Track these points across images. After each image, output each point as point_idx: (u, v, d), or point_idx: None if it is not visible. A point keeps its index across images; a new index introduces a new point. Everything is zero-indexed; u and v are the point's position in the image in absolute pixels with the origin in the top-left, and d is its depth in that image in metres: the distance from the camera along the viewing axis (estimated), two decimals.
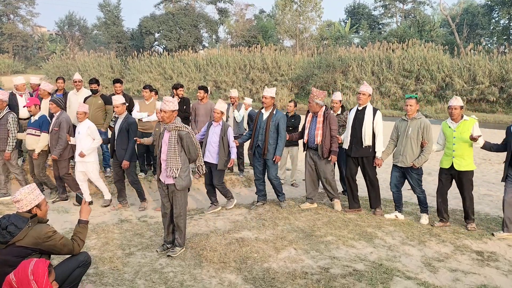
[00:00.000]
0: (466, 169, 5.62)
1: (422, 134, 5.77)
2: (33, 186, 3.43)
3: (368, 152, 6.06)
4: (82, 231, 3.61)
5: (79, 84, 8.09)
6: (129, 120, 6.48)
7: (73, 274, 3.48)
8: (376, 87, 26.49)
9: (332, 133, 6.12)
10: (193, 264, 4.50)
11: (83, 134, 6.45)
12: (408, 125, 5.84)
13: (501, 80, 23.34)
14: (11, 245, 3.14)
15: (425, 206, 6.03)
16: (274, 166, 6.33)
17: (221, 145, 6.20)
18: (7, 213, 5.14)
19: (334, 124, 6.13)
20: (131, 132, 6.39)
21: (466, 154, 5.57)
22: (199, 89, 8.14)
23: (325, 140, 6.10)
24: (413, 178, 5.91)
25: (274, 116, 6.21)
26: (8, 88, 19.98)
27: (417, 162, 5.76)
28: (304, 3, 35.51)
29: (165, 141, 4.69)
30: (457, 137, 5.59)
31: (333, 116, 6.18)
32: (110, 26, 46.74)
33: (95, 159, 6.62)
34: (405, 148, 5.82)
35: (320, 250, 4.88)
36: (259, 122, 6.30)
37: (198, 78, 33.88)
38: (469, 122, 5.58)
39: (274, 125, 6.18)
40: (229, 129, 6.35)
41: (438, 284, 4.17)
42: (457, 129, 5.62)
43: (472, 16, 36.34)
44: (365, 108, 6.08)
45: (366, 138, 5.99)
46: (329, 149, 6.15)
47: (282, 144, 6.24)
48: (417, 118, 5.81)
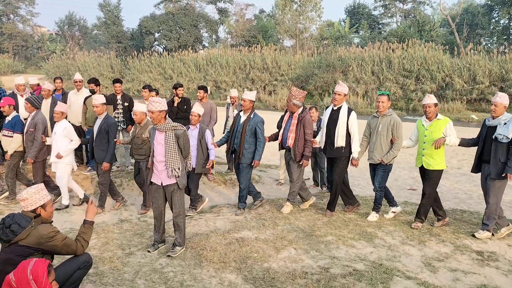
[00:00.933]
0: (435, 168, 5.57)
1: (392, 131, 5.79)
2: (40, 186, 3.43)
3: (340, 152, 5.96)
4: (86, 231, 3.60)
5: (79, 84, 8.09)
6: (109, 121, 6.33)
7: (74, 275, 3.48)
8: (376, 87, 26.48)
9: (306, 136, 5.94)
10: (193, 264, 4.50)
11: (59, 135, 6.30)
12: (379, 122, 5.85)
13: (501, 80, 23.33)
14: (14, 244, 3.14)
15: (378, 205, 6.04)
16: (246, 170, 6.13)
17: (199, 148, 6.14)
18: (7, 212, 5.15)
19: (308, 128, 5.93)
20: (110, 133, 6.26)
21: (435, 153, 5.52)
22: (199, 89, 8.15)
23: (298, 143, 5.93)
24: (378, 175, 5.91)
25: (251, 120, 6.02)
26: (8, 88, 19.98)
27: (385, 158, 5.78)
28: (304, 3, 35.50)
29: (160, 142, 4.65)
30: (428, 136, 5.58)
31: (309, 119, 5.98)
32: (110, 26, 46.72)
33: (70, 161, 6.46)
34: (375, 145, 5.86)
35: (320, 250, 4.88)
36: (236, 125, 6.18)
37: (198, 78, 33.87)
38: (442, 122, 5.56)
39: (250, 130, 6.02)
40: (207, 131, 6.28)
41: (438, 284, 4.17)
42: (429, 128, 5.61)
43: (472, 16, 36.33)
44: (340, 108, 5.97)
45: (339, 139, 5.89)
46: (302, 153, 5.99)
47: (261, 148, 6.04)
48: (388, 115, 5.83)
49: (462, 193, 8.21)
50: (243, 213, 6.21)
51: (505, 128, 5.11)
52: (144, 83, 33.05)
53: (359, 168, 8.63)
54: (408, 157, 11.72)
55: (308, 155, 6.00)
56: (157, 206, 4.86)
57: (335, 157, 6.01)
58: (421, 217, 5.75)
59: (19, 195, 3.35)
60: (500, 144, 5.16)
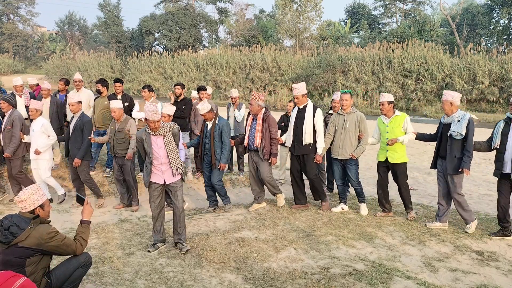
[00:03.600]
0: (399, 161, 5.96)
1: (359, 127, 6.07)
2: (36, 186, 3.42)
3: (308, 149, 6.18)
4: (84, 231, 3.59)
5: (79, 84, 8.08)
6: (84, 119, 6.44)
7: (74, 274, 3.48)
8: (376, 87, 26.48)
9: (272, 135, 6.11)
10: (193, 264, 4.50)
11: (37, 132, 6.40)
12: (346, 119, 6.11)
13: (501, 80, 23.32)
14: (13, 246, 3.12)
15: (362, 196, 6.30)
16: (218, 171, 6.26)
17: None
18: (7, 213, 5.15)
19: (273, 126, 6.12)
20: (85, 131, 6.38)
21: (398, 147, 5.91)
22: (199, 89, 8.15)
23: (265, 142, 6.08)
24: (351, 170, 6.18)
25: (217, 125, 6.15)
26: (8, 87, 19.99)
27: (355, 152, 6.08)
28: (304, 3, 35.49)
29: (161, 146, 4.71)
30: (389, 132, 5.92)
31: (273, 118, 6.16)
32: (110, 26, 46.74)
33: (49, 157, 6.59)
34: (344, 141, 6.09)
35: (320, 250, 4.88)
36: (204, 131, 6.31)
37: (198, 78, 33.87)
38: (400, 117, 5.92)
39: (218, 134, 6.15)
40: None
41: (438, 284, 4.17)
42: (389, 124, 5.96)
43: (472, 16, 36.33)
44: (305, 107, 6.17)
45: (307, 136, 6.10)
46: (270, 151, 6.14)
47: (226, 152, 6.17)
48: (353, 112, 6.11)
49: None
50: (231, 207, 6.43)
51: (458, 125, 5.34)
52: (144, 83, 33.04)
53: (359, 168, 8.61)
54: (408, 157, 11.71)
55: (276, 153, 6.19)
56: (157, 205, 4.87)
57: (304, 154, 6.22)
58: (409, 207, 6.15)
59: (16, 196, 3.33)
60: (455, 140, 5.40)
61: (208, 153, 6.27)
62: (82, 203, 3.78)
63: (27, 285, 2.70)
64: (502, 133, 5.27)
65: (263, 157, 6.13)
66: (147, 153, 4.76)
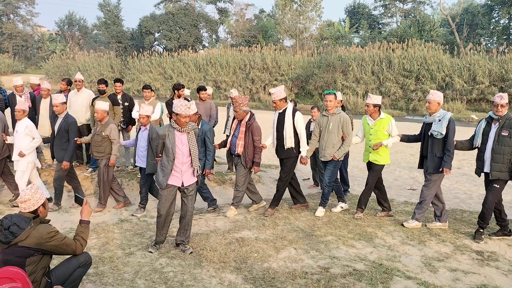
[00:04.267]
0: (380, 162, 5.96)
1: (342, 128, 6.03)
2: (36, 186, 3.43)
3: (291, 153, 6.05)
4: (84, 231, 3.59)
5: (79, 84, 8.06)
6: (69, 120, 6.34)
7: (73, 274, 3.48)
8: (376, 87, 26.49)
9: (255, 143, 5.91)
10: (193, 264, 4.50)
11: (21, 133, 6.32)
12: (329, 120, 6.08)
13: (501, 80, 23.33)
14: (13, 245, 3.12)
15: (325, 200, 6.23)
16: (202, 178, 6.25)
17: (149, 149, 6.13)
18: (7, 213, 5.15)
19: (256, 134, 5.90)
20: (70, 132, 6.29)
21: (381, 150, 5.91)
22: (199, 90, 8.16)
23: (248, 150, 5.90)
24: (328, 170, 6.14)
25: (200, 130, 6.02)
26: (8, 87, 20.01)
27: (337, 154, 6.02)
28: (304, 3, 35.51)
29: (184, 143, 4.59)
30: (373, 134, 5.93)
31: (257, 125, 5.94)
32: (110, 26, 46.75)
33: (32, 159, 6.49)
34: (327, 143, 6.07)
35: (320, 250, 4.88)
36: None
37: (198, 78, 33.89)
38: (385, 120, 5.91)
39: (201, 139, 6.08)
40: None
41: (438, 284, 4.17)
42: (373, 127, 5.96)
43: (472, 16, 36.34)
44: (285, 110, 6.06)
45: (288, 140, 5.96)
46: (252, 159, 5.96)
47: (211, 158, 6.12)
48: (337, 113, 6.06)
49: (462, 193, 8.21)
50: (215, 209, 6.40)
51: (439, 124, 5.38)
52: (144, 83, 33.03)
53: (359, 168, 8.66)
54: (408, 157, 11.72)
55: (259, 161, 5.99)
56: (167, 207, 4.72)
57: (285, 158, 6.12)
58: (361, 206, 6.12)
59: (19, 197, 3.32)
60: (435, 140, 5.43)
61: None
62: (80, 203, 3.78)
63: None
64: (483, 133, 5.30)
65: (245, 164, 5.97)
66: (167, 151, 4.55)
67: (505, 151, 5.07)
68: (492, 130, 5.20)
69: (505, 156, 5.08)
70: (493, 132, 5.19)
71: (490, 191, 5.23)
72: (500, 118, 5.12)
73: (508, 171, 5.11)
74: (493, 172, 5.14)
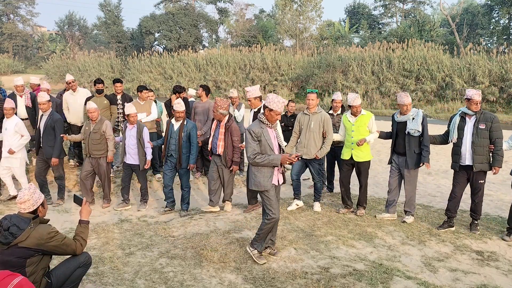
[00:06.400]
0: (364, 159, 6.12)
1: (324, 127, 6.13)
2: (33, 186, 3.42)
3: None
4: (84, 230, 3.59)
5: (73, 84, 8.06)
6: (54, 117, 6.52)
7: (73, 274, 3.47)
8: (376, 86, 26.47)
9: (234, 144, 6.12)
10: (193, 264, 4.50)
11: (10, 131, 6.46)
12: (310, 119, 6.18)
13: (501, 80, 23.30)
14: (13, 246, 3.11)
15: (319, 194, 6.44)
16: (187, 174, 6.42)
17: (139, 146, 6.43)
18: (7, 213, 5.15)
19: (235, 135, 6.12)
20: (56, 129, 6.47)
21: (364, 146, 6.06)
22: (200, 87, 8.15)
23: (227, 150, 6.11)
24: (315, 168, 6.30)
25: (185, 127, 6.27)
26: (8, 87, 20.03)
27: (319, 153, 6.16)
28: (304, 3, 35.49)
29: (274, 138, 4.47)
30: (355, 131, 6.07)
31: (235, 127, 6.17)
32: (110, 25, 46.73)
33: (23, 156, 6.66)
34: (308, 141, 6.17)
35: (320, 250, 4.88)
36: (170, 133, 6.37)
37: (198, 78, 33.86)
38: (366, 117, 6.09)
39: (186, 135, 6.26)
40: (144, 129, 6.53)
41: (438, 284, 4.17)
42: (355, 123, 6.09)
43: (472, 16, 36.33)
44: (259, 110, 6.22)
45: None
46: (232, 159, 6.15)
47: (195, 153, 6.32)
48: (318, 112, 6.18)
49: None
50: (171, 211, 6.50)
51: (414, 122, 5.65)
52: (144, 83, 33.07)
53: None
54: None
55: (237, 161, 6.22)
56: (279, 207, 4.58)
57: None
58: (362, 205, 6.28)
59: (18, 198, 3.31)
60: (412, 137, 5.70)
61: (173, 155, 6.35)
62: (79, 203, 3.78)
63: (24, 284, 2.70)
64: (459, 128, 5.53)
65: (226, 164, 6.16)
66: (264, 148, 4.34)
67: (484, 143, 5.36)
68: (469, 125, 5.46)
69: (484, 148, 5.37)
70: (469, 126, 5.44)
71: (478, 187, 5.52)
72: (476, 112, 5.40)
73: (487, 162, 5.42)
74: (476, 164, 5.39)
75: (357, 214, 6.21)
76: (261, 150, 4.34)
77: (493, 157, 5.40)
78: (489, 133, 5.35)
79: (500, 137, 5.38)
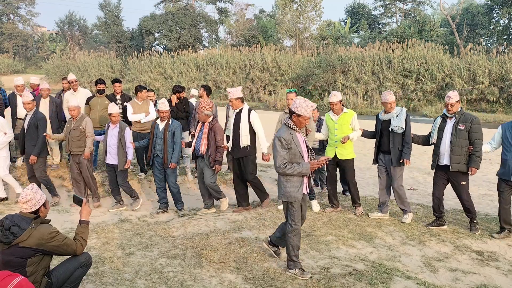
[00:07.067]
0: (347, 157, 6.16)
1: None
2: (35, 185, 3.43)
3: (246, 152, 6.24)
4: (84, 231, 3.60)
5: (75, 84, 8.08)
6: (38, 116, 6.53)
7: (74, 274, 3.47)
8: (376, 87, 26.47)
9: (217, 143, 6.15)
10: (193, 264, 4.50)
11: None
12: None
13: (501, 80, 23.30)
14: (14, 246, 3.12)
15: (312, 193, 6.40)
16: (174, 173, 6.46)
17: (120, 146, 6.45)
18: (7, 213, 5.15)
19: (219, 134, 6.15)
20: (40, 128, 6.46)
21: (347, 144, 6.09)
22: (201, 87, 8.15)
23: (210, 150, 6.14)
24: None
25: (170, 126, 6.33)
26: (8, 87, 20.02)
27: None
28: (304, 3, 35.48)
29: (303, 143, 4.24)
30: (338, 129, 6.11)
31: (219, 126, 6.23)
32: (110, 25, 46.74)
33: (6, 154, 6.66)
34: None
35: (320, 250, 4.88)
36: (155, 133, 6.39)
37: (198, 78, 33.86)
38: (348, 115, 6.12)
39: (171, 135, 6.31)
40: (126, 129, 6.55)
41: (438, 284, 4.17)
42: (338, 121, 6.13)
43: (472, 16, 36.31)
44: (241, 110, 6.25)
45: (244, 139, 6.18)
46: (214, 158, 6.18)
47: (177, 152, 6.36)
48: None
49: None
50: (184, 213, 6.46)
51: (398, 120, 5.72)
52: (144, 83, 33.07)
53: (359, 168, 8.67)
54: None
55: (220, 160, 6.24)
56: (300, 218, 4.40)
57: (243, 157, 6.27)
58: (357, 202, 6.31)
59: (20, 197, 3.31)
60: (396, 134, 5.77)
61: (159, 155, 6.37)
62: (79, 203, 3.77)
63: (24, 284, 2.71)
64: (439, 129, 5.64)
65: (208, 163, 6.17)
66: (294, 155, 4.08)
67: (462, 144, 5.43)
68: (448, 125, 5.56)
69: (463, 148, 5.44)
70: (449, 127, 5.55)
71: (462, 189, 5.59)
72: (456, 114, 5.49)
73: (465, 163, 5.46)
74: (453, 164, 5.47)
75: (356, 214, 6.21)
76: (290, 158, 4.07)
77: (471, 158, 5.43)
78: (469, 134, 5.41)
79: (479, 138, 5.40)
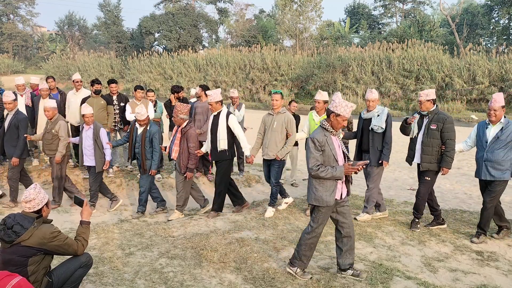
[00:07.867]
0: None
1: (286, 127, 6.08)
2: (38, 185, 3.43)
3: (224, 155, 6.11)
4: (85, 231, 3.60)
5: (79, 84, 8.09)
6: (19, 116, 6.44)
7: (74, 274, 3.48)
8: (376, 87, 26.48)
9: (189, 150, 6.04)
10: (193, 264, 4.50)
11: None
12: (274, 119, 6.11)
13: (501, 80, 23.33)
14: (16, 245, 3.13)
15: (274, 199, 6.21)
16: (147, 177, 6.36)
17: (96, 147, 6.36)
18: (7, 213, 5.15)
19: (191, 141, 6.03)
20: (20, 128, 6.37)
21: None
22: (200, 87, 8.16)
23: (182, 156, 6.05)
24: (274, 170, 6.15)
25: (147, 132, 6.25)
26: (8, 87, 20.02)
27: (280, 153, 6.04)
28: (304, 3, 35.51)
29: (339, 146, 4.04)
30: None
31: (192, 133, 6.07)
32: (110, 26, 46.77)
33: None
34: (269, 142, 6.10)
35: (320, 250, 4.88)
36: (134, 136, 6.37)
37: (198, 78, 33.90)
38: None
39: (148, 140, 6.24)
40: (101, 130, 6.46)
41: (438, 284, 4.17)
42: (319, 122, 5.95)
43: (472, 16, 36.34)
44: (219, 113, 6.13)
45: (221, 143, 6.05)
46: (186, 165, 6.07)
47: (157, 158, 6.29)
48: (282, 113, 6.11)
49: (462, 193, 8.21)
50: (140, 216, 6.37)
51: (378, 119, 5.66)
52: (144, 83, 33.08)
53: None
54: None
55: (192, 167, 6.10)
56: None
57: (220, 160, 6.17)
58: None
59: (24, 197, 3.31)
60: (376, 134, 5.70)
61: (139, 158, 6.35)
62: (80, 204, 3.78)
63: (23, 284, 2.71)
64: (418, 125, 5.58)
65: (180, 170, 6.10)
66: (328, 159, 3.92)
67: (434, 143, 5.37)
68: (423, 124, 5.50)
69: (434, 148, 5.37)
70: (423, 126, 5.49)
71: (422, 183, 5.54)
72: (429, 112, 5.41)
73: (437, 163, 5.40)
74: (423, 164, 5.46)
75: (356, 218, 6.04)
76: (324, 161, 3.91)
77: (442, 158, 5.38)
78: (441, 133, 5.33)
79: (451, 138, 5.33)
